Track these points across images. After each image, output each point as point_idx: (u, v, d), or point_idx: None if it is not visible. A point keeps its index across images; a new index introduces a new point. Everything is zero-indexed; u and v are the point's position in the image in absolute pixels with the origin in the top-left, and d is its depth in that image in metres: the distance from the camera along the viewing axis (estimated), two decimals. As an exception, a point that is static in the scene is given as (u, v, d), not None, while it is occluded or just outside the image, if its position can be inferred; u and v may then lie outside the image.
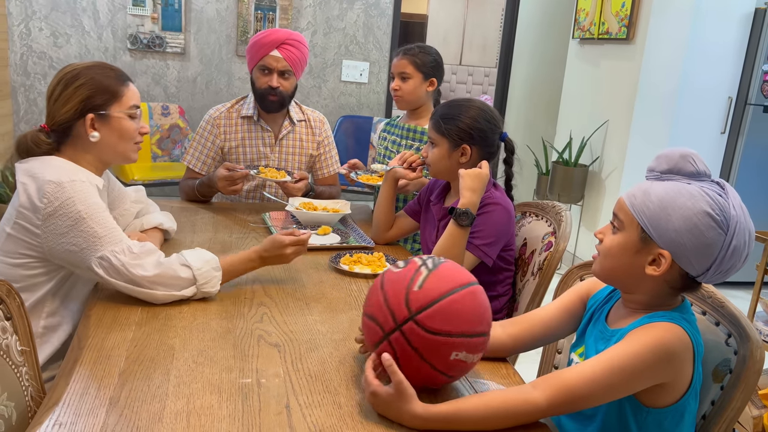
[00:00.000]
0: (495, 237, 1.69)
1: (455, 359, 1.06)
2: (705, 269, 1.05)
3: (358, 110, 4.86)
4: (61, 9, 4.25)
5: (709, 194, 1.03)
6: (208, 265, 1.45)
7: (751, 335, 1.09)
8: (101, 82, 1.47)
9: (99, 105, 1.46)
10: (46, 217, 1.35)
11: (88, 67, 1.48)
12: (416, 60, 2.26)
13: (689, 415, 1.11)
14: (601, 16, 4.14)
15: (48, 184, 1.36)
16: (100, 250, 1.36)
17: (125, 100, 1.50)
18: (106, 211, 1.41)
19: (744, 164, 3.96)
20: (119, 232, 1.41)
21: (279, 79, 2.27)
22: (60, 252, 1.37)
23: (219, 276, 1.47)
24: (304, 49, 2.31)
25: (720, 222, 1.02)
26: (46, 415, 1.00)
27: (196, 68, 4.54)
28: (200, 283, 1.43)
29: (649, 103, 3.86)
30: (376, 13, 4.73)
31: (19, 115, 4.33)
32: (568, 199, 4.21)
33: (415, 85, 2.28)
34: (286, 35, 2.26)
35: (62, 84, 1.46)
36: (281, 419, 1.02)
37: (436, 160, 1.77)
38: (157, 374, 1.13)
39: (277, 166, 2.40)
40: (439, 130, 1.74)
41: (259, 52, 2.27)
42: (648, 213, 1.06)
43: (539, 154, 4.60)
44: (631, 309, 1.14)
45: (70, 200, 1.35)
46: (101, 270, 1.37)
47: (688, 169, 1.07)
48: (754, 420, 2.08)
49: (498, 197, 1.73)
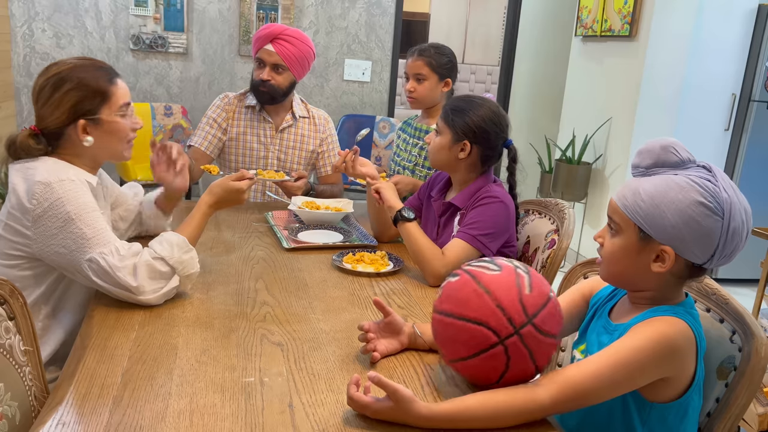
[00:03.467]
0: (493, 229, 1.68)
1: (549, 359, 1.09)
2: (709, 256, 1.05)
3: (361, 109, 4.86)
4: (64, 10, 4.26)
5: (697, 182, 1.03)
6: (180, 249, 1.41)
7: (755, 332, 1.09)
8: (90, 84, 1.42)
9: (90, 110, 1.42)
10: (35, 218, 1.34)
11: (75, 68, 1.42)
12: (432, 61, 2.25)
13: (693, 411, 1.10)
14: (603, 13, 4.12)
15: (37, 184, 1.34)
16: (89, 252, 1.34)
17: (115, 100, 1.46)
18: (95, 211, 1.38)
19: (748, 161, 3.94)
20: (107, 233, 1.37)
21: (271, 73, 2.29)
22: (50, 254, 1.36)
23: (193, 256, 1.43)
24: (300, 45, 2.30)
25: (714, 208, 1.01)
26: (50, 414, 1.00)
27: (199, 68, 4.55)
28: (179, 270, 1.40)
29: (653, 100, 3.85)
30: (378, 12, 4.73)
31: (22, 116, 4.34)
32: (572, 197, 4.20)
33: (430, 87, 2.27)
34: (280, 30, 2.27)
35: (50, 87, 1.40)
36: (284, 418, 1.02)
37: (436, 148, 1.77)
38: (160, 374, 1.13)
39: (276, 158, 2.42)
40: (447, 120, 1.74)
41: (256, 44, 2.32)
42: (642, 212, 1.05)
43: (542, 152, 4.60)
44: (636, 304, 1.14)
45: (59, 201, 1.33)
46: (91, 273, 1.34)
47: (672, 160, 1.06)
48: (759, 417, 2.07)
49: (497, 192, 1.73)
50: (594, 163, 4.23)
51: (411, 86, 2.28)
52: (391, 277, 1.71)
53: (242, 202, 1.62)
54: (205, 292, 1.51)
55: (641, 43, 3.83)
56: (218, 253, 1.79)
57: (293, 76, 2.33)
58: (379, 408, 1.02)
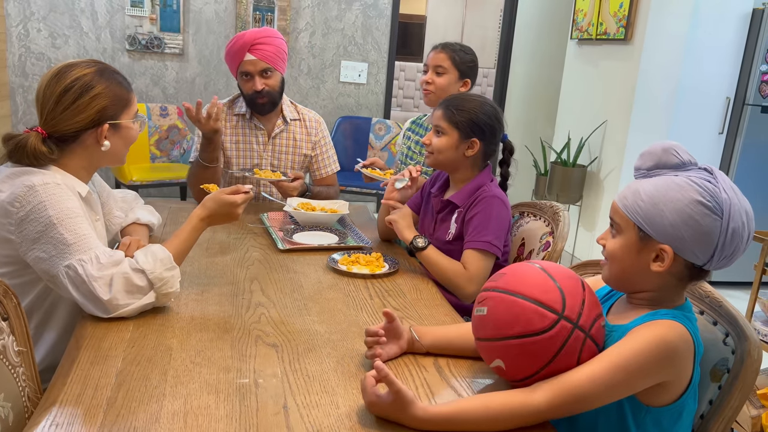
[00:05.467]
0: (499, 230, 1.72)
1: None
2: (709, 257, 1.05)
3: (357, 111, 4.86)
4: (60, 10, 4.25)
5: (697, 182, 1.03)
6: (162, 265, 1.34)
7: (748, 334, 1.09)
8: (115, 90, 1.45)
9: (113, 115, 1.44)
10: (18, 222, 1.31)
11: (99, 73, 1.43)
12: (455, 56, 2.22)
13: (688, 414, 1.11)
14: (599, 16, 4.14)
15: (21, 187, 1.31)
16: (68, 258, 1.29)
17: (132, 107, 1.50)
18: (79, 217, 1.34)
19: (742, 165, 3.96)
20: (89, 240, 1.32)
21: (262, 80, 2.27)
22: (32, 260, 1.32)
23: (175, 275, 1.37)
24: (277, 41, 2.28)
25: (713, 208, 1.02)
26: (43, 415, 0.99)
27: (195, 69, 4.54)
28: (157, 287, 1.33)
29: (647, 103, 3.86)
30: (375, 14, 4.73)
31: (17, 116, 4.33)
32: (567, 200, 4.21)
33: (449, 81, 2.22)
34: (253, 36, 2.24)
35: (74, 92, 1.38)
36: (279, 419, 1.02)
37: (442, 148, 1.77)
38: (155, 375, 1.13)
39: (269, 165, 2.41)
40: (452, 120, 1.74)
41: (235, 58, 2.27)
42: (641, 212, 1.06)
43: (537, 155, 4.61)
44: (635, 305, 1.14)
45: (41, 204, 1.30)
46: (67, 280, 1.29)
47: (673, 162, 1.07)
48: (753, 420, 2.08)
49: (496, 191, 1.76)
50: (589, 166, 4.25)
51: (429, 77, 2.23)
52: (387, 278, 1.71)
53: (236, 217, 1.53)
54: (200, 293, 1.51)
55: (636, 46, 3.84)
56: (213, 254, 1.79)
57: (280, 73, 2.33)
58: (376, 402, 1.02)
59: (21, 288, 1.40)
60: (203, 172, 2.23)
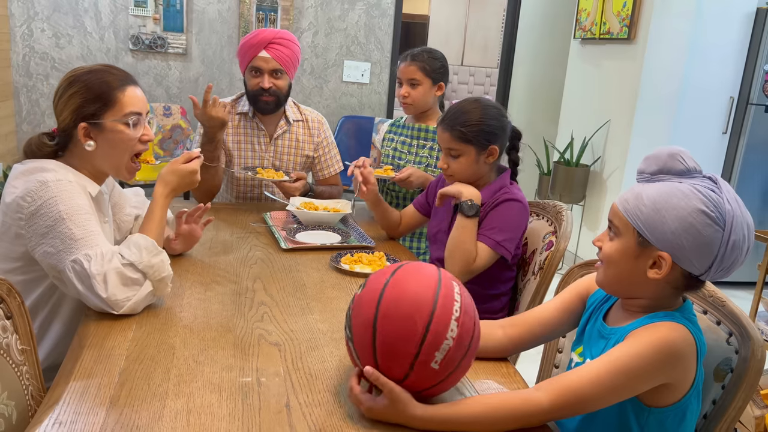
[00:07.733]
0: (513, 233, 1.72)
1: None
2: (707, 267, 1.04)
3: (360, 111, 4.86)
4: (63, 10, 4.26)
5: (701, 191, 1.02)
6: (149, 253, 1.35)
7: (752, 334, 1.09)
8: (93, 88, 1.41)
9: (91, 113, 1.41)
10: (29, 216, 1.32)
11: (88, 72, 1.43)
12: (425, 66, 2.26)
13: (691, 414, 1.10)
14: (602, 16, 4.13)
15: (34, 182, 1.34)
16: (75, 252, 1.30)
17: (120, 107, 1.43)
18: (88, 214, 1.36)
19: (745, 164, 3.95)
20: (96, 237, 1.34)
21: (271, 79, 2.26)
22: (40, 255, 1.33)
23: (163, 259, 1.37)
24: (293, 47, 2.29)
25: (716, 218, 1.01)
26: (47, 413, 0.99)
27: (198, 69, 4.55)
28: (150, 275, 1.34)
29: (651, 103, 3.86)
30: (378, 13, 4.73)
31: (21, 116, 4.34)
32: (570, 199, 4.20)
33: (424, 92, 2.29)
34: (273, 34, 2.24)
35: (62, 89, 1.43)
36: (281, 418, 1.02)
37: (464, 168, 1.75)
38: (158, 373, 1.13)
39: (271, 165, 2.41)
40: (464, 138, 1.71)
41: (248, 53, 2.26)
42: (642, 217, 1.05)
43: (541, 154, 4.60)
44: (630, 311, 1.14)
45: (52, 199, 1.32)
46: (73, 275, 1.30)
47: (677, 168, 1.05)
48: (756, 420, 2.07)
49: (516, 193, 1.75)
50: (592, 166, 4.24)
51: (405, 91, 2.29)
52: (389, 278, 1.71)
53: (196, 183, 1.55)
54: (203, 291, 1.51)
55: (640, 45, 3.84)
56: (216, 253, 1.79)
57: (289, 78, 2.33)
58: (373, 406, 1.01)
59: (27, 285, 1.41)
60: (204, 171, 2.22)
